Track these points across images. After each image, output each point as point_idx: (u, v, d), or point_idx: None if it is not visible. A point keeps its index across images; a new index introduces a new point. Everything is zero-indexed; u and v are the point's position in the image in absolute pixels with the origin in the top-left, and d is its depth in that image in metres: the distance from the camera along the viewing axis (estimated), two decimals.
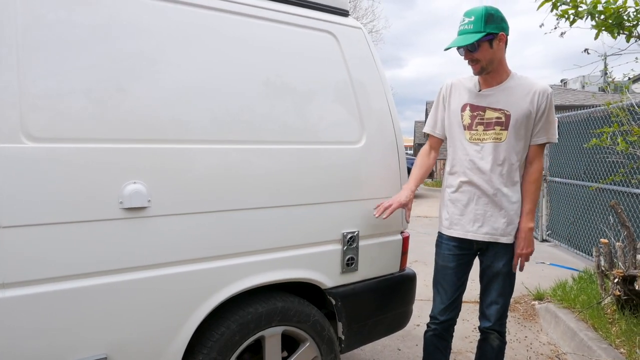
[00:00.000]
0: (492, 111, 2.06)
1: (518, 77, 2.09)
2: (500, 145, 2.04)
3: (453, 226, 2.15)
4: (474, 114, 2.10)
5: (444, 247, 2.19)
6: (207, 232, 1.72)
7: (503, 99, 2.05)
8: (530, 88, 2.04)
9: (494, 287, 2.14)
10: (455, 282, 2.16)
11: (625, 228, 3.28)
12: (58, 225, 1.44)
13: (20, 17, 1.42)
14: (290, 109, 1.95)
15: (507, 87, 2.06)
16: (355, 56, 2.17)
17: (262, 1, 1.93)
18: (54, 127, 1.45)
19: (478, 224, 2.09)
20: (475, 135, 2.09)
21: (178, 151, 1.66)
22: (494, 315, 2.15)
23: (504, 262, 2.11)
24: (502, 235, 2.08)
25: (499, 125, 2.05)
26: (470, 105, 2.11)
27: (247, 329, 1.83)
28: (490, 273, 2.15)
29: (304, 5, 2.06)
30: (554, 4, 2.63)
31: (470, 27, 1.96)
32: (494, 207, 2.07)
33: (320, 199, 2.01)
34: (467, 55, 2.01)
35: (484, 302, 2.20)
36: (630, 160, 4.31)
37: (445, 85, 2.23)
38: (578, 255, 5.83)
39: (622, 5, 2.53)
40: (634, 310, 3.22)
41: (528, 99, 2.03)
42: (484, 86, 2.11)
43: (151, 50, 1.64)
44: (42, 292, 1.43)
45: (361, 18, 15.51)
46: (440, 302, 2.19)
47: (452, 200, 2.16)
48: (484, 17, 1.94)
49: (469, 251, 2.16)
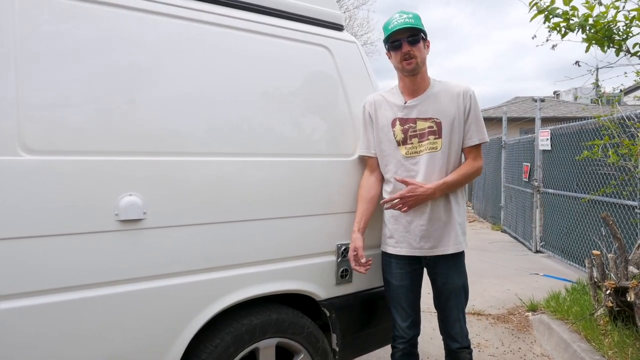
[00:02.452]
0: (423, 121, 2.02)
1: (439, 83, 2.08)
2: (436, 154, 2.00)
3: (399, 244, 2.08)
4: (405, 127, 2.04)
5: (394, 266, 2.11)
6: (202, 244, 1.73)
7: (431, 107, 2.02)
8: (454, 91, 2.03)
9: (454, 304, 2.09)
10: (413, 299, 2.12)
11: (616, 240, 3.30)
12: (53, 238, 1.44)
13: (19, 28, 1.43)
14: (286, 122, 1.97)
15: (432, 94, 2.04)
16: (350, 69, 2.20)
17: (258, 16, 1.96)
18: (50, 139, 1.46)
19: (424, 240, 2.04)
20: (412, 148, 2.03)
21: (174, 163, 1.67)
22: (460, 334, 2.10)
23: (457, 275, 2.09)
24: (449, 247, 2.04)
25: (432, 134, 2.01)
26: (399, 119, 2.06)
27: (242, 341, 1.83)
28: (447, 291, 2.09)
29: (300, 20, 2.09)
30: (547, 17, 2.68)
31: (412, 21, 1.95)
32: (437, 220, 2.02)
33: (315, 211, 2.02)
34: (406, 47, 1.95)
35: (446, 321, 2.13)
36: (622, 172, 4.35)
37: (368, 102, 2.13)
38: (571, 266, 5.86)
39: (613, 19, 2.58)
40: (626, 321, 3.24)
41: (454, 103, 2.01)
42: (409, 97, 2.06)
43: (148, 63, 1.66)
44: (37, 304, 1.42)
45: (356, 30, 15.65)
46: (403, 320, 2.12)
47: (394, 216, 2.08)
48: (419, 18, 1.97)
49: (418, 265, 2.12)
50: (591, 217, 5.40)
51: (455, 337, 2.11)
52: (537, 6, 2.62)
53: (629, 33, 2.60)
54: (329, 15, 2.20)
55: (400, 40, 1.96)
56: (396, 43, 1.97)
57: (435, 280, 2.13)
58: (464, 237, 2.11)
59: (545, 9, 2.62)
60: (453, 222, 2.05)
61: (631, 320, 3.18)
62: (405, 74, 2.03)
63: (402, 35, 1.95)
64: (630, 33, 2.60)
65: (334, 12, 2.23)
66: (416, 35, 1.95)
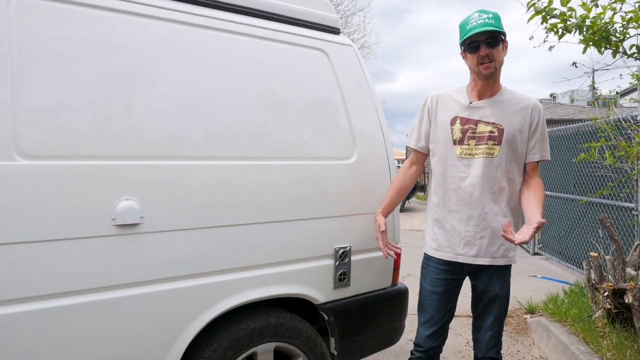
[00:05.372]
0: (485, 125, 1.94)
1: (509, 91, 1.99)
2: (493, 160, 1.93)
3: (442, 248, 2.02)
4: (465, 128, 1.97)
5: (431, 270, 2.05)
6: (200, 248, 1.72)
7: (496, 113, 1.94)
8: (523, 102, 1.95)
9: (491, 312, 2.01)
10: (442, 307, 2.03)
11: (614, 242, 3.31)
12: (50, 243, 1.44)
13: (15, 33, 1.43)
14: (283, 125, 1.97)
15: (499, 101, 1.96)
16: (347, 73, 2.21)
17: (256, 20, 1.96)
18: (46, 143, 1.45)
19: (468, 246, 1.96)
20: (467, 150, 1.96)
21: (171, 167, 1.67)
22: (490, 343, 2.02)
23: (500, 285, 1.99)
24: (495, 258, 1.96)
25: (491, 139, 1.93)
26: (460, 118, 1.98)
27: (240, 345, 1.82)
28: (487, 298, 2.01)
29: (297, 24, 2.09)
30: (544, 17, 2.68)
31: (492, 22, 1.83)
32: (484, 227, 1.94)
33: (313, 214, 2.02)
34: (484, 50, 1.85)
35: (479, 328, 2.06)
36: (618, 174, 4.36)
37: (431, 97, 2.08)
38: (569, 268, 5.87)
39: (610, 20, 2.59)
40: (624, 323, 3.24)
41: (521, 114, 1.93)
42: (475, 98, 1.98)
43: (145, 67, 1.65)
44: (34, 309, 1.42)
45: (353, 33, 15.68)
46: (425, 329, 2.05)
47: (439, 219, 2.04)
48: (500, 19, 1.85)
49: (459, 275, 2.03)
50: (588, 219, 5.42)
51: (485, 345, 2.03)
52: (535, 7, 2.63)
53: (626, 34, 2.61)
54: (325, 19, 2.21)
55: (478, 42, 1.86)
56: (473, 44, 1.87)
57: (475, 286, 2.05)
58: (514, 251, 1.99)
59: (543, 10, 2.62)
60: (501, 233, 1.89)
61: (629, 322, 3.18)
62: (481, 77, 1.93)
63: (481, 37, 1.85)
64: (627, 34, 2.61)
65: (331, 16, 2.24)
66: (496, 37, 1.84)
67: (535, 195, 1.91)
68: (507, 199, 1.96)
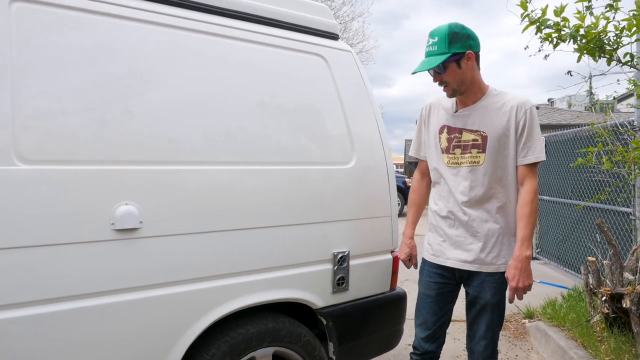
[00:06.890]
0: (468, 133, 1.94)
1: (495, 94, 1.95)
2: (478, 169, 1.92)
3: (434, 252, 2.07)
4: (451, 137, 1.99)
5: (426, 273, 2.10)
6: (199, 253, 1.73)
7: (479, 120, 1.92)
8: (509, 103, 1.89)
9: (482, 320, 1.99)
10: (436, 311, 2.05)
11: (611, 246, 3.32)
12: (49, 247, 1.44)
13: (15, 38, 1.44)
14: (282, 130, 1.97)
15: (483, 106, 1.93)
16: (345, 78, 2.22)
17: (254, 25, 1.97)
18: (46, 148, 1.46)
19: (457, 252, 1.99)
20: (453, 159, 1.99)
21: (170, 172, 1.67)
22: (485, 353, 2.00)
23: (492, 292, 1.96)
24: (483, 264, 1.95)
25: (475, 148, 1.93)
26: (447, 127, 2.01)
27: (238, 350, 1.82)
28: (478, 305, 2.00)
29: (296, 30, 2.11)
30: (538, 28, 2.70)
31: (435, 48, 1.84)
32: (473, 234, 1.96)
33: (311, 219, 2.02)
34: (436, 77, 1.89)
35: (472, 337, 2.06)
36: (616, 179, 4.38)
37: (425, 105, 2.13)
38: (567, 272, 5.87)
39: (603, 29, 2.61)
40: (622, 327, 3.24)
41: (506, 116, 1.88)
42: (460, 106, 1.99)
43: (143, 72, 1.66)
44: (32, 314, 1.42)
45: (351, 38, 15.72)
46: (421, 331, 2.08)
47: (434, 225, 2.09)
48: (447, 37, 1.82)
49: (451, 280, 2.05)
50: (586, 223, 5.43)
51: (477, 356, 2.03)
52: (528, 17, 2.65)
53: (619, 43, 2.63)
54: (324, 25, 2.22)
55: (428, 71, 1.90)
56: (430, 72, 1.91)
57: (467, 293, 2.06)
58: (504, 258, 1.95)
59: (537, 20, 2.64)
60: (493, 240, 1.95)
61: (627, 326, 3.18)
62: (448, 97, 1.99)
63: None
64: (620, 43, 2.63)
65: (330, 22, 2.25)
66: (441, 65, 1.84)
67: (519, 213, 1.89)
68: (498, 205, 1.95)
